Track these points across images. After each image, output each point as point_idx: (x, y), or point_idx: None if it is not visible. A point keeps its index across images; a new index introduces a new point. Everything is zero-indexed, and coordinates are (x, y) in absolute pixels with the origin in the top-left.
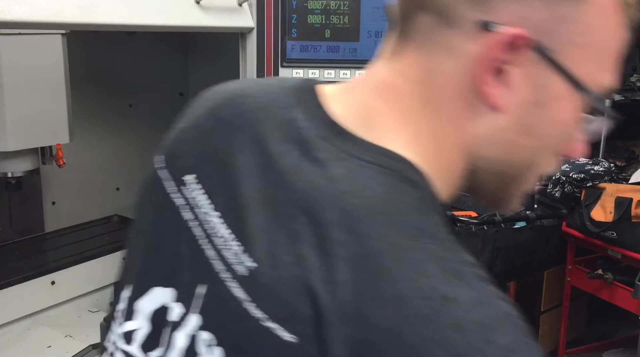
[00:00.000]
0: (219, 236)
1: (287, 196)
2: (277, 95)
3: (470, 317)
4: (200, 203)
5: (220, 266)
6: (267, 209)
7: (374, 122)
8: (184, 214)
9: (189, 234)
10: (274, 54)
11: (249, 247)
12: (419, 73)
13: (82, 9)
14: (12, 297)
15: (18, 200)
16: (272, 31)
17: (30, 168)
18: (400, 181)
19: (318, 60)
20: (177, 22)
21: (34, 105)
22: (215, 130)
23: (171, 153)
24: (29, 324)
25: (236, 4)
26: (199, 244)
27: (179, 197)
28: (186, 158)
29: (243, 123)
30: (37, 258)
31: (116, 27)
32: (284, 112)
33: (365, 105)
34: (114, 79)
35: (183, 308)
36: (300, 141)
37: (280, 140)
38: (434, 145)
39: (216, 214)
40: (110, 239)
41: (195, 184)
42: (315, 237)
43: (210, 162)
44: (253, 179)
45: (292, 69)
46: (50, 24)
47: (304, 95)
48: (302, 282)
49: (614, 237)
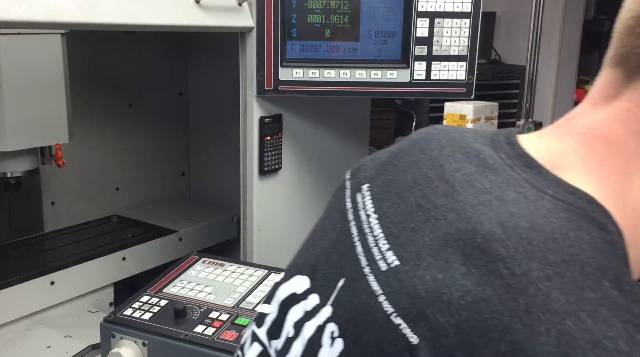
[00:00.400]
0: (373, 235)
1: (450, 204)
2: (470, 132)
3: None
4: (366, 206)
5: (364, 261)
6: (425, 214)
7: (567, 165)
8: (349, 215)
9: (346, 231)
10: (274, 54)
11: (396, 246)
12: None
13: (82, 8)
14: (11, 298)
15: (17, 200)
16: (272, 31)
17: (30, 168)
18: (584, 219)
19: (318, 60)
20: (177, 21)
21: (34, 105)
22: (402, 150)
23: (358, 167)
24: (28, 325)
25: (236, 4)
26: (353, 240)
27: (350, 201)
28: (367, 171)
29: (428, 146)
30: (37, 258)
31: (116, 27)
32: (471, 143)
33: (559, 149)
34: (113, 79)
35: (318, 299)
36: (480, 163)
37: (458, 161)
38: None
39: (375, 216)
40: (110, 239)
41: (367, 191)
42: (468, 245)
43: (385, 173)
44: (421, 188)
45: (292, 68)
46: (50, 23)
47: (498, 137)
48: (442, 286)
49: None
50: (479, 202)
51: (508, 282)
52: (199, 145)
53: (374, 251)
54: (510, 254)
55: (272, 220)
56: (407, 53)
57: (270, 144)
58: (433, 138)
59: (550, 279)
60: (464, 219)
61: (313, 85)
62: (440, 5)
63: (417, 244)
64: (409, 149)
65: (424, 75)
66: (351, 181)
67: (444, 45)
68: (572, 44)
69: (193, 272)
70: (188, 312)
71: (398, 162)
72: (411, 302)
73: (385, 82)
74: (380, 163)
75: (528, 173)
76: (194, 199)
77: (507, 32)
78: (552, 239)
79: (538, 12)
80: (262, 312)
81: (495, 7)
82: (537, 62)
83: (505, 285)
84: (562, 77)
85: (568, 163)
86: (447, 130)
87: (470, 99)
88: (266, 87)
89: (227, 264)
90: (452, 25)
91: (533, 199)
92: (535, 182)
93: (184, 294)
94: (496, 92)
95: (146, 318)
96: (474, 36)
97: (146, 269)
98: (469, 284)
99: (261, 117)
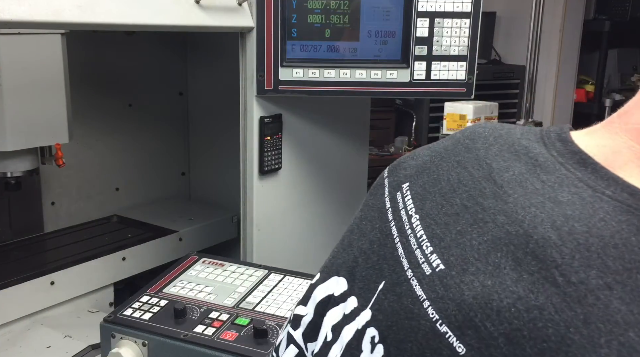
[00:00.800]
0: (416, 236)
1: (499, 206)
2: (518, 129)
3: None
4: (407, 206)
5: (407, 264)
6: (472, 216)
7: (621, 163)
8: (389, 215)
9: (387, 231)
10: (274, 54)
11: (442, 249)
12: None
13: (82, 8)
14: (11, 298)
15: (17, 200)
16: (272, 31)
17: (30, 168)
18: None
19: (318, 60)
20: (177, 21)
21: (33, 105)
22: (446, 149)
23: (397, 165)
24: (28, 325)
25: (236, 4)
26: (394, 241)
27: (390, 200)
28: (407, 169)
29: (474, 145)
30: (37, 258)
31: (116, 27)
32: (520, 141)
33: (612, 146)
34: (113, 79)
35: (357, 302)
36: (530, 161)
37: (506, 160)
38: None
39: (417, 216)
40: (109, 239)
41: (407, 190)
42: (520, 250)
43: (427, 173)
44: (467, 188)
45: (292, 68)
46: (50, 23)
47: (549, 134)
48: (491, 292)
49: None
50: (531, 203)
51: (564, 290)
52: (199, 145)
53: (417, 253)
54: (567, 260)
55: (272, 220)
56: (407, 53)
57: (270, 144)
58: (479, 136)
59: (611, 287)
60: (514, 222)
61: (313, 85)
62: (440, 5)
63: (464, 247)
64: (454, 148)
65: (424, 75)
66: (389, 178)
67: (444, 45)
68: (572, 44)
69: (193, 272)
70: (188, 312)
71: (442, 162)
72: (458, 309)
73: (385, 82)
74: (422, 162)
75: (583, 172)
76: (194, 199)
77: (507, 32)
78: (612, 245)
79: (538, 12)
80: (297, 314)
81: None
82: (537, 62)
83: (561, 293)
84: (562, 77)
85: (623, 161)
86: (494, 128)
87: (470, 99)
88: (266, 87)
89: (227, 264)
90: (452, 25)
91: (590, 201)
92: (591, 182)
93: (184, 294)
94: (496, 92)
95: (146, 318)
96: (474, 36)
97: (146, 269)
98: (520, 290)
99: (261, 117)
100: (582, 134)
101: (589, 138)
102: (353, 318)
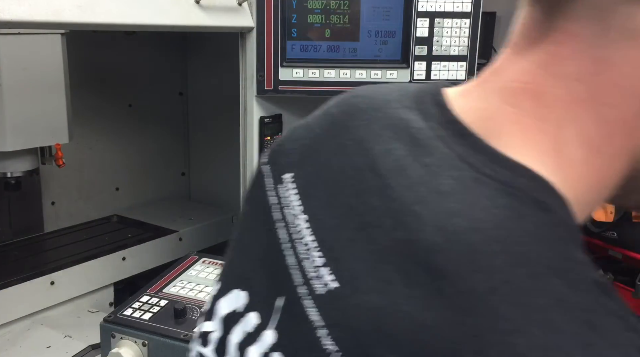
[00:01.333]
0: (302, 243)
1: (385, 205)
2: (393, 96)
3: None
4: (291, 203)
5: (298, 278)
6: (360, 218)
7: (498, 131)
8: (274, 214)
9: (274, 235)
10: (274, 54)
11: (332, 261)
12: (578, 65)
13: (82, 8)
14: (11, 298)
15: (17, 200)
16: (272, 31)
17: (30, 168)
18: (526, 203)
19: (318, 60)
20: (177, 21)
21: (33, 105)
22: (324, 130)
23: (277, 149)
24: (28, 325)
25: (236, 4)
26: (282, 248)
27: (274, 195)
28: (289, 156)
29: (353, 123)
30: (37, 258)
31: (116, 27)
32: (398, 113)
33: (486, 110)
34: (113, 79)
35: (259, 319)
36: (409, 141)
37: (386, 140)
38: (585, 155)
39: (304, 217)
40: (109, 239)
41: (291, 183)
42: (409, 261)
43: (310, 162)
44: (351, 182)
45: (292, 68)
46: (50, 23)
47: (424, 97)
48: (385, 315)
49: (614, 237)
50: (415, 199)
51: (455, 302)
52: (199, 145)
53: (306, 265)
54: (454, 267)
55: None
56: (407, 53)
57: (270, 144)
58: (357, 111)
59: (496, 291)
60: (401, 226)
61: (313, 85)
62: (440, 5)
63: (355, 259)
64: (332, 128)
65: (424, 75)
66: (270, 166)
67: (444, 45)
68: None
69: (193, 272)
70: (188, 312)
71: (322, 146)
72: (354, 338)
73: (386, 82)
74: (302, 145)
75: (462, 147)
76: (194, 199)
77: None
78: (495, 239)
79: None
80: (204, 331)
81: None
82: None
83: (452, 306)
84: None
85: (498, 128)
86: (370, 97)
87: None
88: (266, 87)
89: None
90: (452, 25)
91: (471, 186)
92: (471, 159)
93: (184, 294)
94: None
95: (146, 318)
96: (474, 36)
97: (146, 269)
98: (412, 309)
99: (261, 117)
100: (457, 94)
101: (464, 100)
102: (256, 338)
